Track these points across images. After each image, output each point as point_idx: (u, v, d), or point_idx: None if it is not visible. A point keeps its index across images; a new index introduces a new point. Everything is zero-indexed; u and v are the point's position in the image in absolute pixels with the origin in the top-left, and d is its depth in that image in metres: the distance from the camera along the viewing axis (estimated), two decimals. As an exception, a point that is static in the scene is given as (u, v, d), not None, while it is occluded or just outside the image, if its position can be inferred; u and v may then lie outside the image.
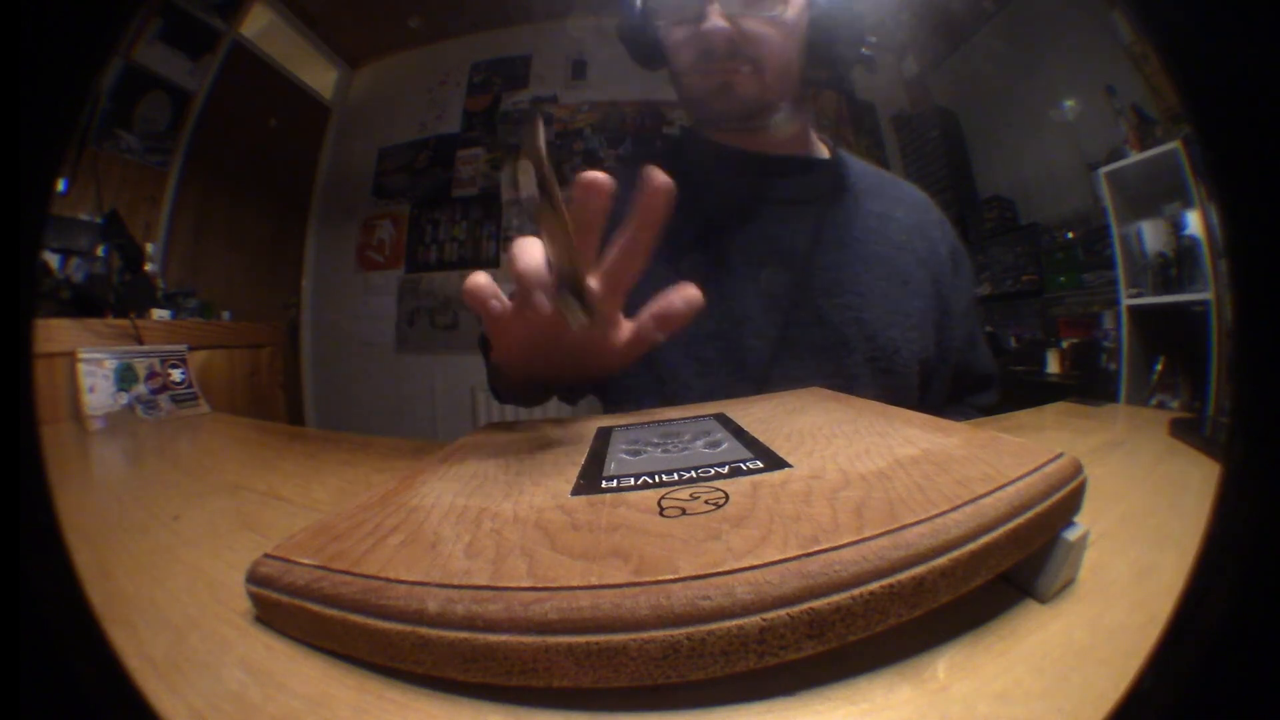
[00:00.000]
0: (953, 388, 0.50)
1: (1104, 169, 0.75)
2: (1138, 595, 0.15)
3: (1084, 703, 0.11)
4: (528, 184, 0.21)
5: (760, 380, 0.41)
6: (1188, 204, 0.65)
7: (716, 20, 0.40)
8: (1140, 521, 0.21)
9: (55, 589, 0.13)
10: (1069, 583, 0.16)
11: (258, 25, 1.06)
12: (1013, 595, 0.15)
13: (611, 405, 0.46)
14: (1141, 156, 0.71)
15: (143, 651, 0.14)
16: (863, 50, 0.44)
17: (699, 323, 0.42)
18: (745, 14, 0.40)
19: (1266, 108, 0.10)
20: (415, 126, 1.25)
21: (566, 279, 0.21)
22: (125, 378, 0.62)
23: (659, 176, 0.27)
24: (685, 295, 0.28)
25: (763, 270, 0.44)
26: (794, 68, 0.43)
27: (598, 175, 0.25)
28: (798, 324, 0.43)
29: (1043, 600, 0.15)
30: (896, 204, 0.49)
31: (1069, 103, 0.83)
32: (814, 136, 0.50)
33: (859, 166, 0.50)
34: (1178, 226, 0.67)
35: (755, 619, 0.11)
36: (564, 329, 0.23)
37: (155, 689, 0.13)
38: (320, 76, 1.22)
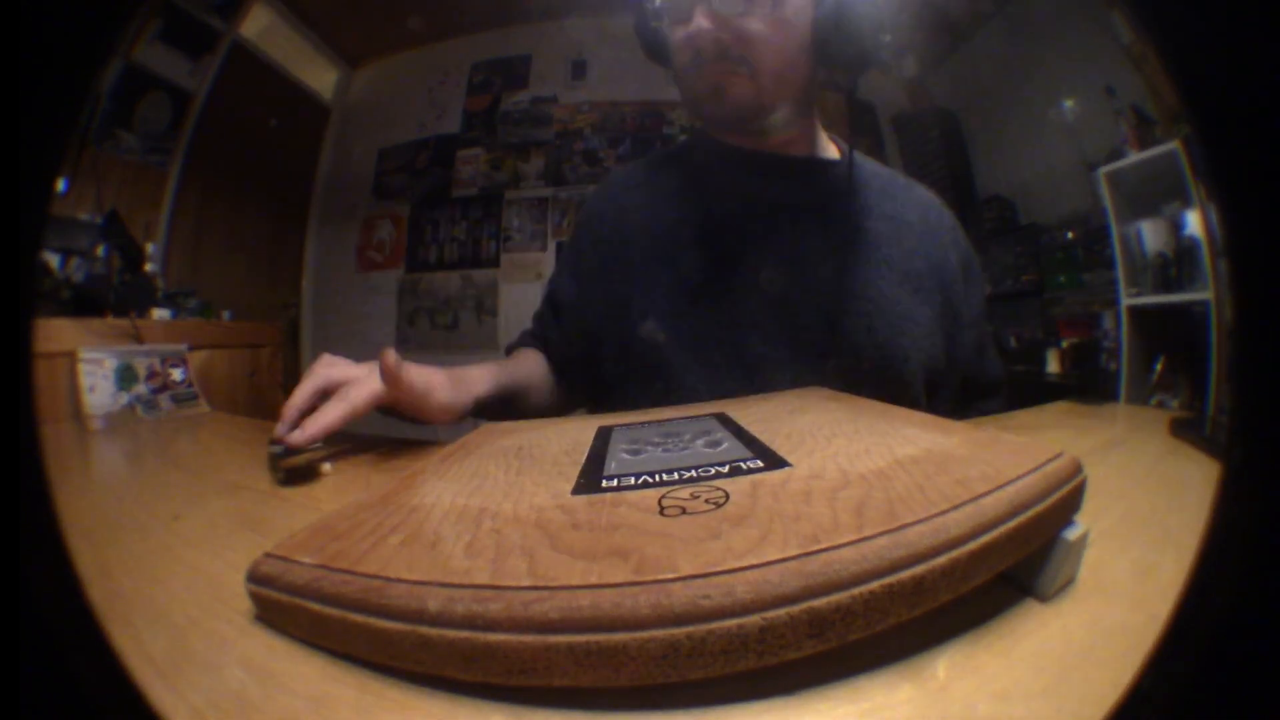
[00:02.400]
0: (960, 394, 0.49)
1: (1104, 169, 0.75)
2: (1138, 595, 0.15)
3: (1084, 702, 0.11)
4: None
5: (766, 385, 0.40)
6: (1187, 204, 0.65)
7: (701, 21, 0.38)
8: (1140, 521, 0.21)
9: (55, 589, 0.13)
10: (1069, 582, 0.16)
11: (258, 25, 1.06)
12: (1013, 594, 0.15)
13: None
14: (1141, 156, 0.71)
15: (143, 651, 0.14)
16: (877, 51, 0.42)
17: (706, 327, 0.43)
18: (735, 14, 0.38)
19: (1266, 108, 0.10)
20: (415, 127, 1.25)
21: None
22: (125, 377, 0.62)
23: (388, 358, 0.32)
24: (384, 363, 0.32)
25: (767, 274, 0.43)
26: (795, 69, 0.41)
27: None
28: (806, 329, 0.42)
29: (1043, 599, 0.15)
30: (909, 208, 0.47)
31: (1068, 103, 0.83)
32: (824, 137, 0.48)
33: (871, 167, 0.49)
34: (1177, 226, 0.67)
35: (755, 618, 0.11)
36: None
37: (155, 688, 0.13)
38: (320, 77, 1.22)
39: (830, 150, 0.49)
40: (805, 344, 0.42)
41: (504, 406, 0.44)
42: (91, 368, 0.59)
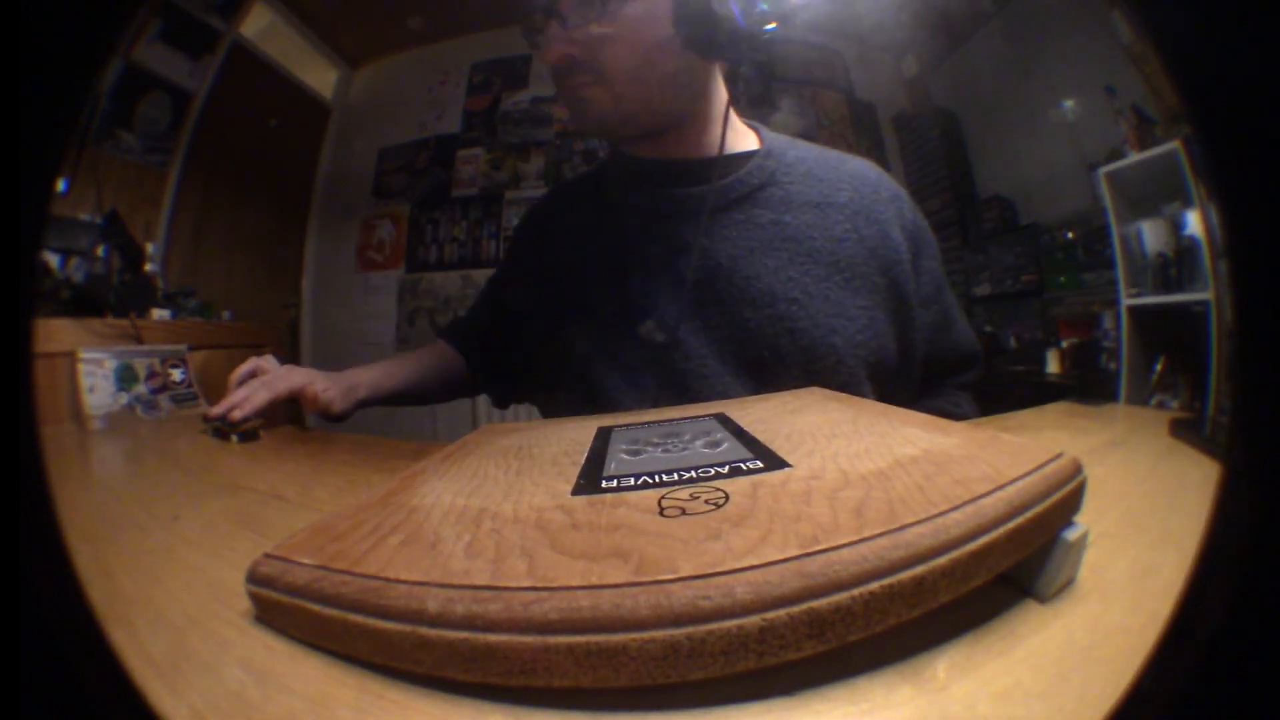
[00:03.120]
0: (931, 373, 0.46)
1: (1104, 169, 0.75)
2: (1138, 595, 0.15)
3: (1084, 703, 0.11)
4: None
5: (700, 399, 0.39)
6: (1187, 204, 0.65)
7: (548, 38, 0.37)
8: (1140, 521, 0.21)
9: (55, 589, 0.13)
10: (1069, 583, 0.16)
11: (258, 25, 1.06)
12: (1013, 595, 0.15)
13: None
14: (1141, 156, 0.71)
15: (143, 651, 0.14)
16: (756, 28, 0.38)
17: (633, 349, 0.42)
18: (575, 25, 0.37)
19: (1266, 108, 0.10)
20: (415, 126, 1.25)
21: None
22: (125, 377, 0.62)
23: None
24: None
25: (680, 289, 0.40)
26: (655, 66, 0.38)
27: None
28: (728, 341, 0.40)
29: (1043, 600, 0.15)
30: (837, 189, 0.44)
31: (1068, 103, 0.83)
32: (737, 128, 0.45)
33: (795, 152, 0.45)
34: (1178, 226, 0.67)
35: (755, 619, 0.11)
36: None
37: (155, 688, 0.13)
38: (320, 76, 1.22)
39: (748, 141, 0.46)
40: (730, 357, 0.40)
41: (391, 402, 0.51)
42: (91, 368, 0.59)
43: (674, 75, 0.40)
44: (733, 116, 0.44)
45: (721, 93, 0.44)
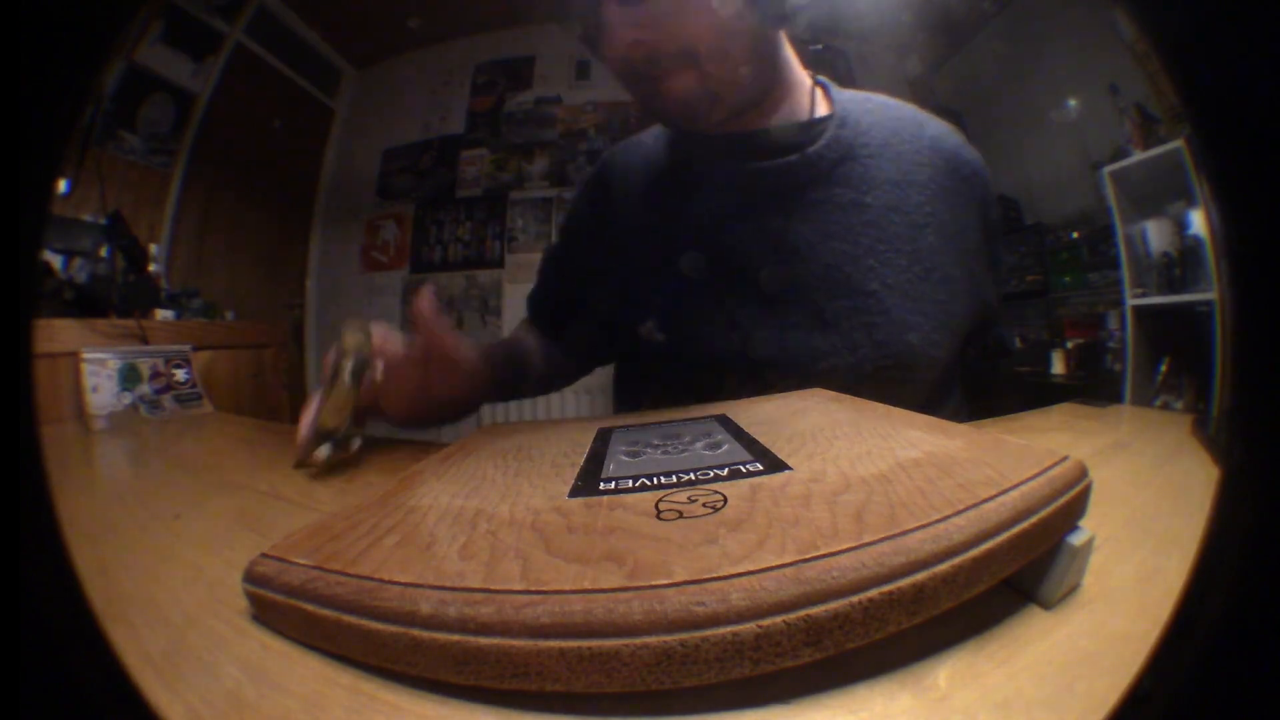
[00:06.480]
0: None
1: (1108, 168, 0.75)
2: (1144, 601, 0.15)
3: (1088, 712, 0.11)
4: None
5: (769, 390, 0.38)
6: (1191, 203, 0.64)
7: (609, 29, 0.33)
8: (1146, 525, 0.21)
9: (55, 589, 0.13)
10: (1074, 588, 0.15)
11: (261, 26, 1.06)
12: (1016, 601, 0.15)
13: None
14: (1145, 155, 0.71)
15: (141, 649, 0.14)
16: None
17: (699, 337, 0.40)
18: (660, 13, 0.32)
19: (1266, 108, 0.10)
20: (419, 127, 1.25)
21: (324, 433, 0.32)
22: (129, 378, 0.62)
23: (421, 301, 0.32)
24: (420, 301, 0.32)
25: (759, 273, 0.38)
26: (737, 37, 0.34)
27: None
28: (798, 328, 0.38)
29: (1047, 607, 0.15)
30: (918, 165, 0.40)
31: (1072, 102, 0.83)
32: (812, 92, 0.42)
33: (870, 118, 0.42)
34: (1182, 226, 0.66)
35: (750, 626, 0.10)
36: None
37: (153, 686, 0.13)
38: (324, 78, 1.22)
39: (820, 106, 0.42)
40: (799, 348, 0.38)
41: (508, 384, 0.42)
42: (95, 368, 0.59)
43: (754, 45, 0.36)
44: (804, 77, 0.41)
45: (791, 57, 0.41)
